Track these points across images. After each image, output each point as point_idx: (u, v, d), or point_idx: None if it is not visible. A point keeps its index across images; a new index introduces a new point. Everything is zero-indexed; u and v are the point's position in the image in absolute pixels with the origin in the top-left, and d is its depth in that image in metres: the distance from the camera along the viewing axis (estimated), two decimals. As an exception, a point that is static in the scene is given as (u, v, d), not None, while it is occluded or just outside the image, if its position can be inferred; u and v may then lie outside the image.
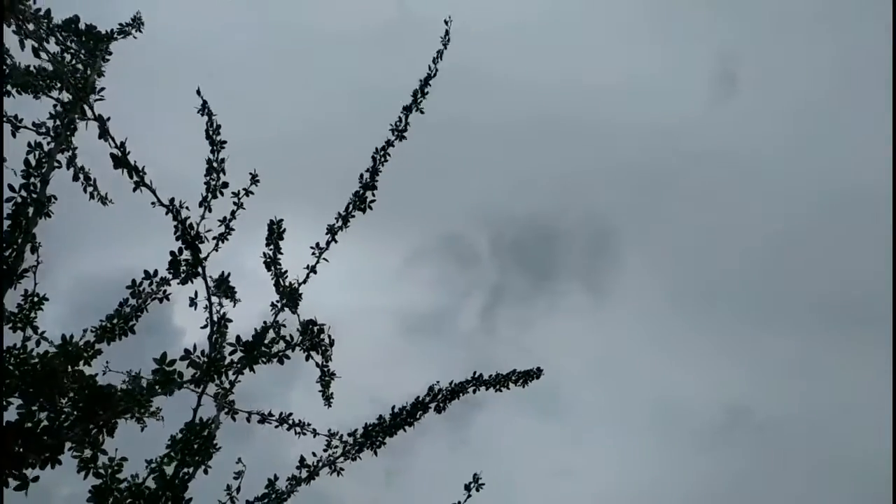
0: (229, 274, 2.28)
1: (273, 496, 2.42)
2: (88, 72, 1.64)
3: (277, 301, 2.30)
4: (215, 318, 2.31)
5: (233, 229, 2.16)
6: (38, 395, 1.70)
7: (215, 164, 2.14)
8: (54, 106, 1.61)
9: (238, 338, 2.08)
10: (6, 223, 1.40)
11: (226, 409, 2.39)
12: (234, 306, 2.39)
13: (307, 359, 2.31)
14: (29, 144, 1.50)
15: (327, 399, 2.61)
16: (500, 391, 2.68)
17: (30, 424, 1.62)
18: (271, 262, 2.33)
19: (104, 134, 1.64)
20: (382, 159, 2.40)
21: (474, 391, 2.62)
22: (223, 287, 2.31)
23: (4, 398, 1.68)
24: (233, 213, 2.18)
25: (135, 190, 1.71)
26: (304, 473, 2.52)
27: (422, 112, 2.45)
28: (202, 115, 2.07)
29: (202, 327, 2.29)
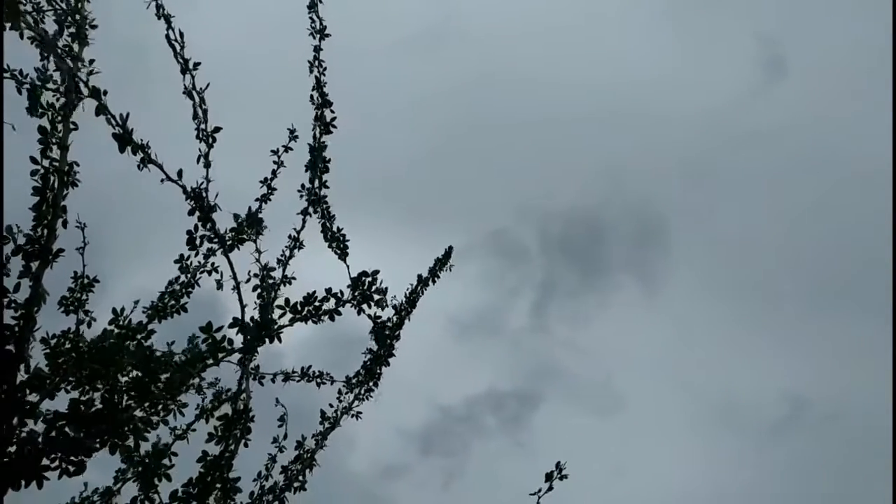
0: (258, 210, 2.11)
1: (305, 456, 2.45)
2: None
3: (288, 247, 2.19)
4: (257, 273, 2.21)
5: (275, 189, 2.02)
6: (94, 376, 1.63)
7: (195, 94, 1.87)
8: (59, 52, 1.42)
9: (287, 300, 2.00)
10: (34, 199, 1.28)
11: (251, 375, 2.34)
12: (259, 255, 2.22)
13: (359, 313, 2.24)
14: (42, 106, 1.36)
15: (383, 347, 2.55)
16: (435, 281, 2.68)
17: (82, 408, 1.56)
18: (316, 200, 2.14)
19: (102, 110, 1.47)
20: (321, 70, 2.18)
21: (422, 291, 2.62)
22: (253, 224, 2.15)
23: (61, 382, 1.62)
24: (274, 171, 2.04)
25: (140, 168, 1.57)
26: (328, 426, 2.57)
27: (321, 1, 2.20)
28: (158, 17, 1.76)
29: (246, 280, 2.18)
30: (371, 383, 2.53)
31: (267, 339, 2.02)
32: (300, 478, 2.34)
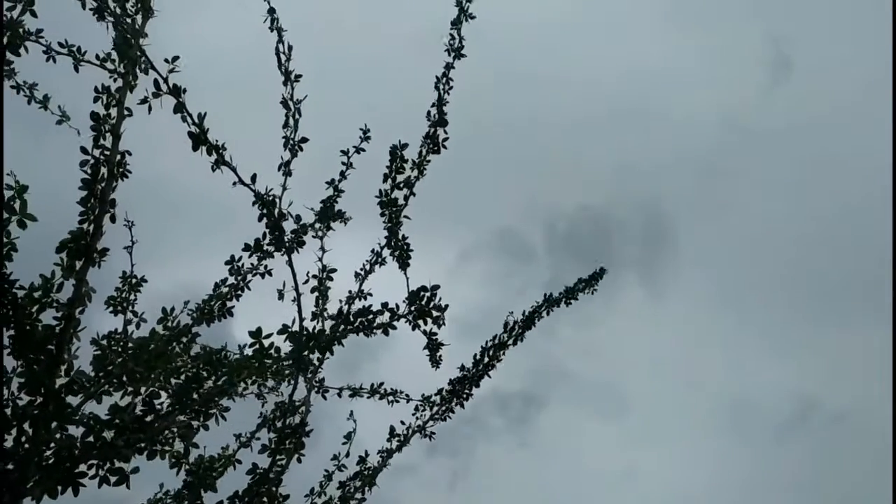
0: (331, 203, 1.96)
1: (366, 473, 2.30)
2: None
3: (369, 262, 2.07)
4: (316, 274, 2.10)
5: (342, 191, 1.92)
6: (138, 378, 1.55)
7: (291, 103, 1.87)
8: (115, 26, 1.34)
9: (340, 310, 1.90)
10: (81, 193, 1.20)
11: (316, 388, 2.23)
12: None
13: (413, 329, 2.12)
14: (96, 89, 1.28)
15: (436, 362, 2.40)
16: (570, 304, 2.53)
17: (122, 415, 1.47)
18: (388, 203, 2.01)
19: (180, 108, 1.43)
20: (447, 88, 2.08)
21: (547, 313, 2.46)
22: (330, 214, 2.03)
23: (106, 384, 1.54)
24: (342, 173, 1.93)
25: (214, 170, 1.54)
26: (395, 444, 2.39)
27: (472, 17, 2.08)
28: (271, 29, 1.78)
29: (304, 282, 2.08)
30: (455, 403, 2.35)
31: (317, 350, 1.93)
32: (357, 496, 2.21)
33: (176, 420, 1.68)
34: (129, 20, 1.28)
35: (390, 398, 2.59)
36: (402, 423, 2.42)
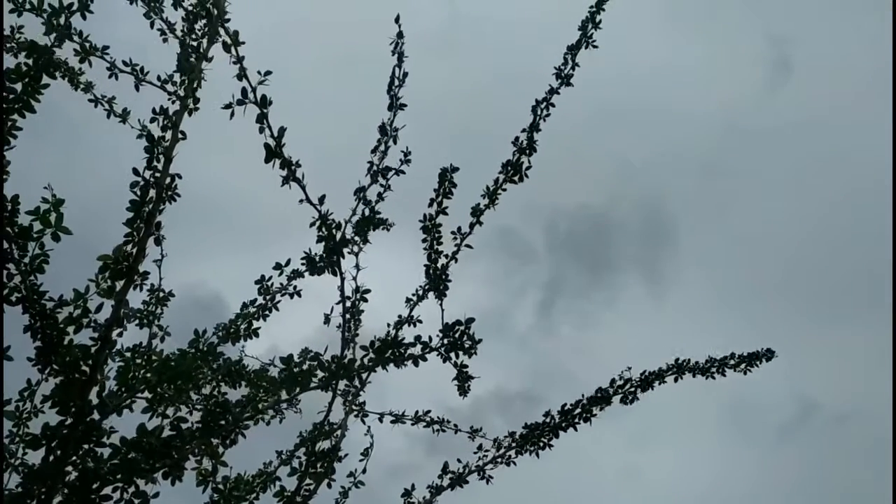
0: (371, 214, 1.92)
1: None
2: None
3: (422, 287, 2.00)
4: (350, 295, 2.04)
5: (378, 213, 1.88)
6: (163, 397, 1.52)
7: (389, 129, 1.84)
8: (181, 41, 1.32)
9: (372, 342, 1.85)
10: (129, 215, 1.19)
11: (355, 412, 2.16)
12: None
13: (444, 361, 2.05)
14: (154, 111, 1.28)
15: (464, 392, 2.28)
16: (713, 378, 2.31)
17: (145, 440, 1.44)
18: (431, 227, 1.91)
19: (263, 118, 1.43)
20: (544, 113, 1.97)
21: (676, 379, 2.28)
22: (372, 223, 1.93)
23: (133, 395, 1.52)
24: (380, 195, 1.89)
25: (283, 185, 1.54)
26: (447, 481, 2.25)
27: (595, 47, 2.01)
28: (393, 53, 1.76)
29: (337, 302, 1.99)
30: (528, 451, 2.19)
31: (347, 378, 1.88)
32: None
33: (202, 442, 1.65)
34: (194, 43, 1.28)
35: (436, 427, 2.40)
36: (459, 461, 2.26)
